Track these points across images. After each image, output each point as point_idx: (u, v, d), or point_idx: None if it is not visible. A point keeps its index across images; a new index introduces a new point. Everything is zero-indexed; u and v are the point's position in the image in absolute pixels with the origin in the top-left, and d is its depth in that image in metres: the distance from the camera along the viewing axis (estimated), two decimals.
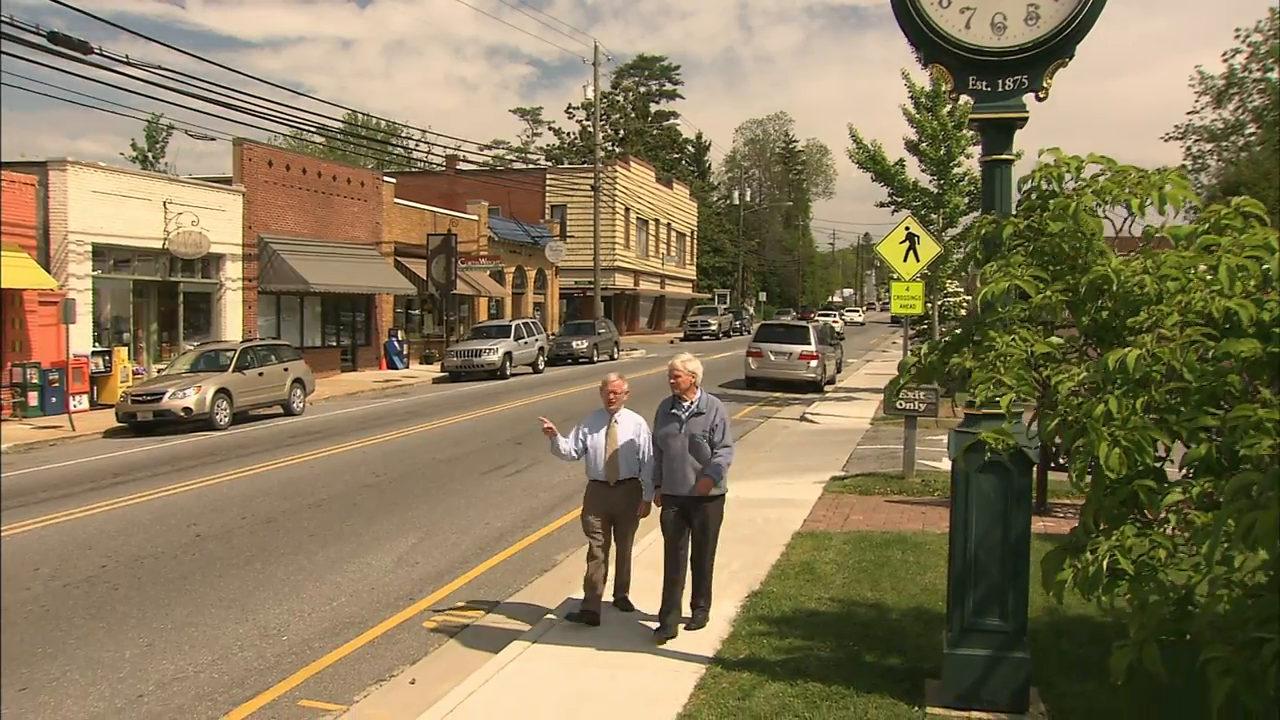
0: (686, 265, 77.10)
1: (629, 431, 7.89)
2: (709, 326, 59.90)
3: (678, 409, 7.51)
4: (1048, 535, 9.78)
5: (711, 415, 7.49)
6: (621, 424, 7.90)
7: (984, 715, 5.92)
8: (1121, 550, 2.68)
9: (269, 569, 10.14)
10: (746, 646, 7.24)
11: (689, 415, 7.46)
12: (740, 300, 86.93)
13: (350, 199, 34.83)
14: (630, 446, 7.87)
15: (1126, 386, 2.83)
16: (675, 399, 7.55)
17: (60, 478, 15.61)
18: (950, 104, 24.12)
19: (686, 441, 7.40)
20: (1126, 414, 2.81)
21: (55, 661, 7.65)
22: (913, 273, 19.22)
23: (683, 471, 7.41)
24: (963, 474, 6.04)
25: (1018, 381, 3.18)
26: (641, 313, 66.06)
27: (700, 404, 7.52)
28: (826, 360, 29.48)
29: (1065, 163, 3.42)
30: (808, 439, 19.18)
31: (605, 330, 42.22)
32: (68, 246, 23.72)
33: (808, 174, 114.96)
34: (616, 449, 7.83)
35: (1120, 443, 2.77)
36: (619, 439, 7.85)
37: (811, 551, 9.96)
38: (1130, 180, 3.23)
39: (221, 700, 6.99)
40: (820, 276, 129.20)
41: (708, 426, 7.44)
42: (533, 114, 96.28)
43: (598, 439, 7.92)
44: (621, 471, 7.86)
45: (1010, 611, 5.98)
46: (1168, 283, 3.05)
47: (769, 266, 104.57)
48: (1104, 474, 2.82)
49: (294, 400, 23.82)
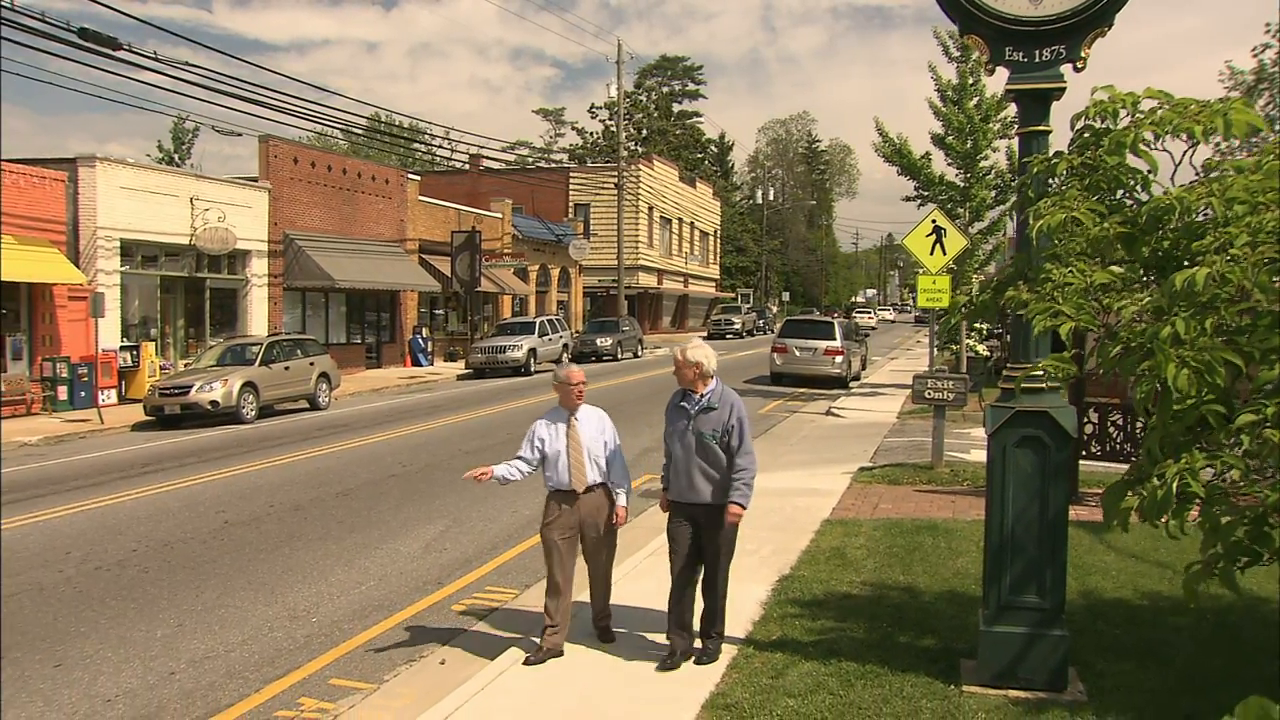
0: (710, 264, 76.99)
1: (593, 429, 6.98)
2: (732, 325, 59.79)
3: (687, 402, 6.66)
4: (1079, 522, 9.68)
5: (726, 413, 6.54)
6: (584, 421, 6.99)
7: (1021, 694, 5.84)
8: (1191, 473, 2.61)
9: (297, 554, 10.16)
10: (778, 628, 7.18)
11: (698, 410, 6.58)
12: (763, 300, 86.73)
13: (375, 196, 34.95)
14: (597, 446, 6.95)
15: (1194, 309, 2.75)
16: (685, 391, 6.69)
17: (90, 467, 15.71)
18: (976, 97, 23.98)
19: (694, 442, 6.53)
20: (1195, 335, 2.73)
21: (88, 640, 7.68)
22: (939, 266, 19.07)
23: (688, 476, 6.56)
24: (999, 449, 5.96)
25: (1077, 310, 3.11)
26: (665, 312, 65.99)
27: (712, 398, 6.60)
28: (852, 356, 29.36)
29: (1120, 99, 3.35)
30: (834, 432, 19.09)
31: (629, 328, 42.21)
32: (96, 242, 23.90)
33: (831, 174, 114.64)
34: (582, 450, 6.90)
35: (1189, 364, 2.69)
36: (583, 439, 6.92)
37: (841, 537, 9.89)
38: (1191, 111, 3.14)
39: (252, 678, 6.99)
40: (843, 276, 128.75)
41: (721, 426, 6.51)
42: (555, 115, 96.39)
43: (557, 442, 6.95)
44: (589, 476, 6.90)
45: (1048, 589, 5.90)
46: (1235, 206, 2.97)
47: (792, 266, 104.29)
48: (1170, 399, 2.74)
49: (319, 395, 23.90)
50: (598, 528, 6.93)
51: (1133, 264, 3.34)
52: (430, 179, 46.35)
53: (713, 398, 6.59)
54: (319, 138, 53.28)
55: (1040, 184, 3.83)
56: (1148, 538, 9.75)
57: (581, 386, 7.05)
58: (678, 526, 6.68)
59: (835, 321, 30.09)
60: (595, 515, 6.91)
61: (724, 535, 6.54)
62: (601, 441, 6.96)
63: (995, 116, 23.87)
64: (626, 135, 66.26)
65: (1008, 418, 5.92)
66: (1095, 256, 3.25)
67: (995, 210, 25.17)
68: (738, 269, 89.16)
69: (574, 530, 6.90)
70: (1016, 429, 5.91)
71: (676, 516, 6.71)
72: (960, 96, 23.97)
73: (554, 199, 56.17)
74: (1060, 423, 5.84)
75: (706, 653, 6.66)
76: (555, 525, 6.90)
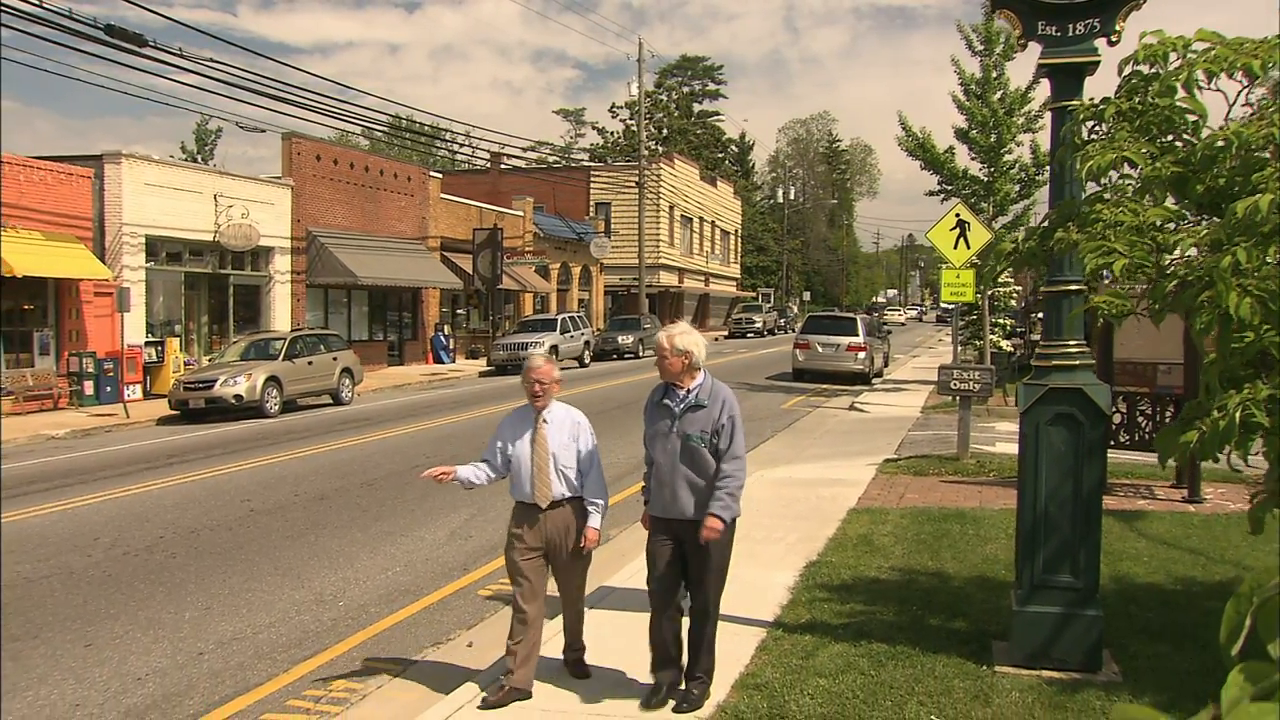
0: (730, 264, 76.88)
1: (563, 433, 5.91)
2: (754, 324, 59.73)
3: (670, 399, 5.60)
4: (1108, 511, 9.58)
5: (716, 410, 5.50)
6: (553, 423, 5.91)
7: (1055, 674, 5.79)
8: (1255, 403, 2.55)
9: (322, 541, 10.18)
10: (806, 611, 7.13)
11: (684, 409, 5.53)
12: (784, 299, 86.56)
13: (397, 194, 35.05)
14: (567, 453, 5.88)
15: (1254, 239, 2.69)
16: (667, 387, 5.63)
17: (116, 458, 15.80)
18: (1000, 91, 23.82)
19: (679, 445, 5.49)
20: (1257, 263, 2.67)
21: (118, 621, 7.71)
22: (963, 260, 18.93)
23: (673, 487, 5.51)
24: (1032, 427, 5.92)
25: (1130, 248, 3.05)
26: (686, 311, 65.87)
27: (700, 393, 5.54)
28: (874, 353, 29.23)
29: (1170, 43, 3.29)
30: (858, 426, 19.01)
31: (650, 326, 42.17)
32: (122, 238, 24.05)
33: (851, 173, 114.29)
34: (548, 457, 5.83)
35: (1251, 292, 2.63)
36: (550, 443, 5.85)
37: (868, 525, 9.83)
38: (1247, 48, 3.08)
39: (281, 659, 7.00)
40: (864, 276, 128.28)
41: (710, 426, 5.48)
42: (576, 115, 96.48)
43: (521, 446, 5.92)
44: (556, 489, 5.86)
45: (1082, 568, 5.85)
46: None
47: (813, 266, 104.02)
48: (1230, 331, 2.68)
49: (342, 389, 23.99)
50: (567, 550, 5.92)
51: (1183, 206, 3.28)
52: (451, 178, 46.46)
53: (701, 394, 5.53)
54: (341, 138, 53.51)
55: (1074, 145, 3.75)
56: (1178, 525, 9.67)
57: (543, 383, 5.88)
58: (659, 545, 5.65)
59: (858, 318, 29.98)
60: (563, 534, 5.89)
61: (714, 556, 5.52)
62: (573, 449, 5.89)
63: (1019, 110, 23.70)
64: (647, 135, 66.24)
65: (1040, 395, 5.88)
66: (1146, 198, 3.20)
67: (1019, 205, 24.99)
68: (759, 268, 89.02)
69: (538, 551, 5.91)
70: (1049, 406, 5.86)
71: (658, 534, 5.67)
72: (984, 90, 23.79)
73: (575, 198, 56.21)
74: (1094, 400, 5.78)
75: (688, 699, 5.57)
76: (517, 545, 5.91)
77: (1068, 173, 5.42)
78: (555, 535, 5.88)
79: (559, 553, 5.91)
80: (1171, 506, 10.64)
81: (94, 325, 23.41)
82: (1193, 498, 10.85)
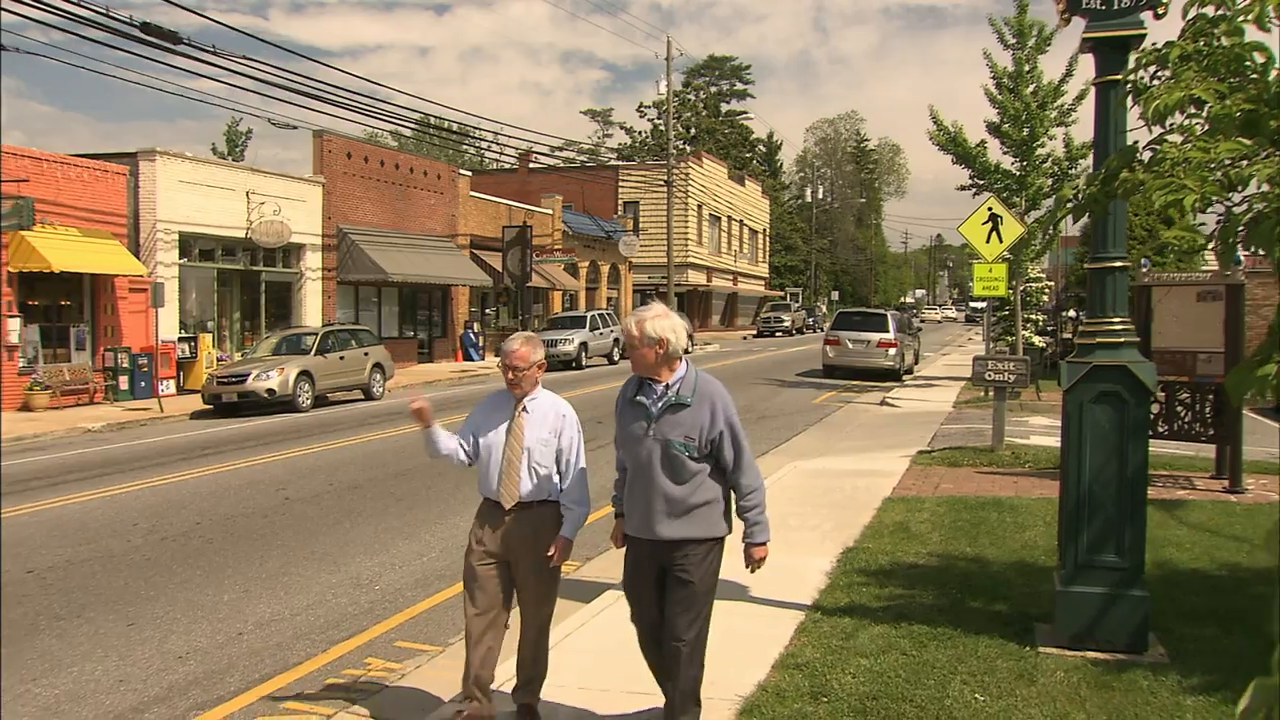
0: (759, 263, 76.74)
1: (544, 426, 5.07)
2: (782, 323, 59.59)
3: (645, 396, 4.64)
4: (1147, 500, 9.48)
5: (705, 415, 4.53)
6: (534, 414, 5.09)
7: (1100, 655, 5.72)
8: None
9: (358, 528, 10.22)
10: (845, 595, 7.09)
11: (662, 408, 4.57)
12: (813, 299, 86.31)
13: (427, 191, 35.19)
14: (545, 450, 5.04)
15: None
16: (641, 381, 4.67)
17: (152, 450, 15.94)
18: (1033, 84, 23.63)
19: (657, 452, 4.55)
20: None
21: (158, 603, 7.77)
22: (995, 254, 18.80)
23: (647, 501, 4.61)
24: (1075, 405, 5.85)
25: (1201, 183, 3.00)
26: (714, 310, 65.82)
27: (681, 389, 4.56)
28: (905, 349, 29.08)
29: None
30: (890, 421, 18.90)
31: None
32: (156, 235, 24.28)
33: (879, 173, 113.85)
34: (522, 452, 5.02)
35: None
36: (527, 437, 5.03)
37: (905, 513, 9.76)
38: None
39: (319, 639, 7.03)
40: (892, 276, 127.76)
41: (699, 433, 4.52)
42: (603, 115, 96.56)
43: (494, 437, 5.10)
44: (525, 488, 5.01)
45: (1127, 548, 5.78)
46: None
47: (841, 265, 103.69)
48: None
49: (374, 384, 24.10)
50: (530, 562, 5.01)
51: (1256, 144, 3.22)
52: (480, 178, 46.63)
53: (683, 389, 4.57)
54: (371, 137, 53.80)
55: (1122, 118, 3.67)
56: (1221, 514, 9.55)
57: (518, 368, 5.03)
58: (635, 573, 4.81)
59: (888, 313, 29.82)
60: (529, 543, 5.00)
61: (697, 586, 4.61)
62: (553, 446, 5.05)
63: (1052, 104, 23.51)
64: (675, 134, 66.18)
65: (1084, 373, 5.81)
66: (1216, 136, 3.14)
67: (1051, 199, 24.77)
68: (786, 268, 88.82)
69: (496, 559, 5.05)
70: (1093, 384, 5.80)
71: (634, 555, 4.82)
72: (1016, 84, 23.60)
73: (603, 197, 56.26)
74: (1139, 377, 5.72)
75: None
76: (475, 549, 5.11)
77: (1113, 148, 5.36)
78: (519, 543, 5.00)
79: (520, 563, 5.03)
80: (1212, 496, 10.50)
81: (129, 321, 23.64)
82: (1234, 488, 10.70)
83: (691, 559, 4.59)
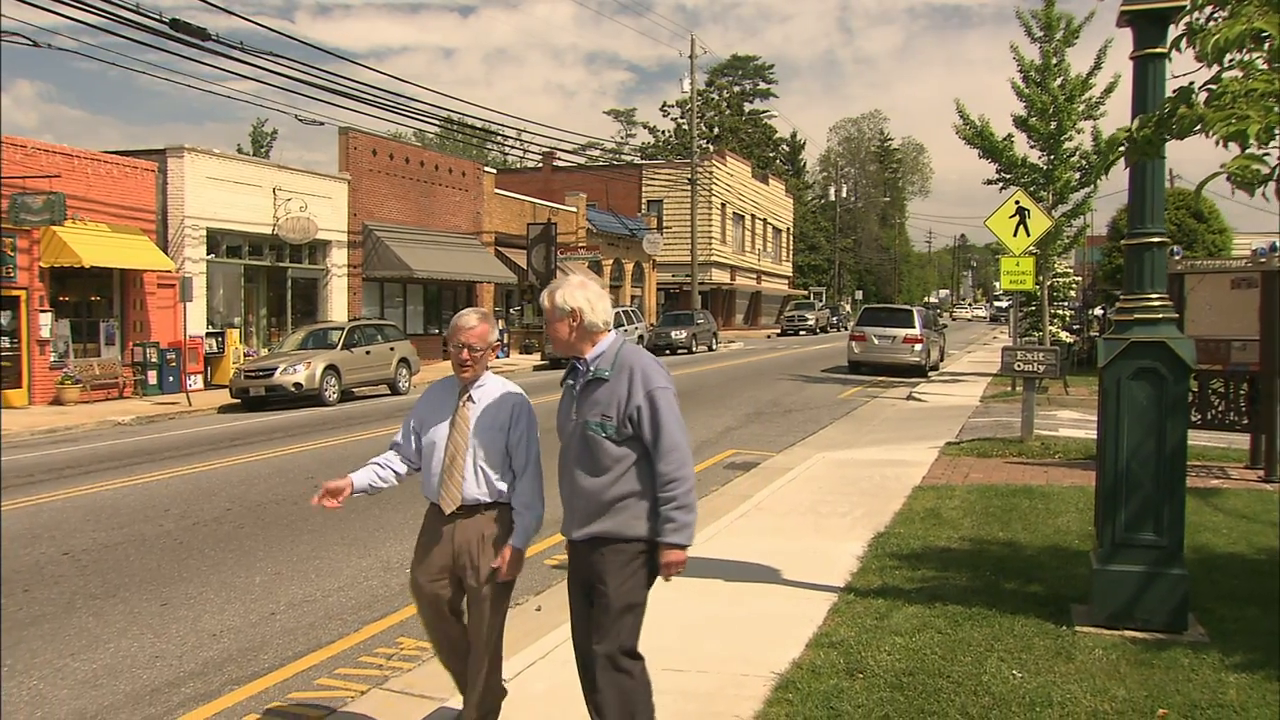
0: (782, 261, 76.58)
1: (494, 414, 4.35)
2: (806, 321, 59.48)
3: (571, 377, 4.09)
4: None
5: (623, 386, 3.87)
6: (480, 403, 4.37)
7: (1138, 634, 5.65)
8: None
9: (387, 515, 10.24)
10: (878, 578, 7.05)
11: (583, 383, 3.99)
12: (836, 297, 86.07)
13: (451, 188, 35.30)
14: (493, 444, 4.32)
15: None
16: (574, 364, 4.07)
17: (182, 441, 16.06)
18: (1060, 77, 23.47)
19: (578, 435, 3.96)
20: None
21: (191, 584, 7.82)
22: (1023, 248, 18.66)
23: (566, 496, 4.03)
24: (1112, 382, 5.79)
25: (1264, 113, 2.96)
26: (738, 309, 65.75)
27: (601, 362, 3.95)
28: (930, 345, 28.95)
29: None
30: (916, 415, 18.82)
31: (704, 321, 42.13)
32: (184, 230, 24.46)
33: (903, 172, 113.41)
34: (466, 448, 4.32)
35: None
36: (471, 429, 4.33)
37: (935, 500, 9.70)
38: None
39: (351, 620, 7.05)
40: (916, 276, 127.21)
41: (615, 409, 3.86)
42: (626, 115, 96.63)
43: (437, 431, 4.44)
44: (469, 490, 4.32)
45: (1166, 526, 5.71)
46: None
47: (865, 265, 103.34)
48: None
49: (399, 379, 24.19)
50: (477, 573, 4.32)
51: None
52: (504, 177, 46.73)
53: (601, 364, 3.95)
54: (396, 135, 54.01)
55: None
56: (1257, 502, 9.46)
57: (474, 348, 4.34)
58: (570, 583, 4.17)
59: (914, 309, 29.69)
60: (475, 552, 4.33)
61: (611, 598, 3.87)
62: (501, 440, 4.32)
63: (1080, 97, 23.32)
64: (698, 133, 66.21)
65: (1121, 349, 5.75)
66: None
67: (1079, 193, 24.58)
68: (810, 267, 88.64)
69: (444, 572, 4.40)
70: (1131, 361, 5.74)
71: (571, 561, 4.16)
72: (1044, 77, 23.44)
73: (627, 195, 56.33)
74: (1178, 353, 5.66)
75: None
76: (421, 561, 4.47)
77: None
78: (464, 552, 4.33)
79: (467, 576, 4.34)
80: (1248, 485, 10.40)
81: (157, 316, 23.83)
82: (1270, 477, 10.58)
83: (607, 564, 3.88)
